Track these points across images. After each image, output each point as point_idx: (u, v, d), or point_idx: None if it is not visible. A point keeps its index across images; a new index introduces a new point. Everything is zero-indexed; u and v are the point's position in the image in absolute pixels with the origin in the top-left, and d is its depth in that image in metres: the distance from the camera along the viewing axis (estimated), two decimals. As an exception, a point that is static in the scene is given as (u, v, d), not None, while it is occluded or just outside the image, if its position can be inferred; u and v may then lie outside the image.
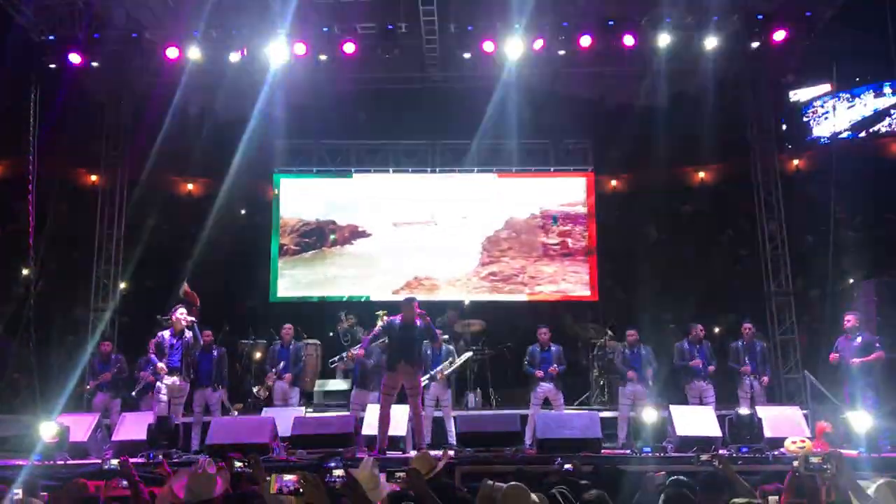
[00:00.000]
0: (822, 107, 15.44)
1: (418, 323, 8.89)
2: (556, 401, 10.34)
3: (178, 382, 9.40)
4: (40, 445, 8.63)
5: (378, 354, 10.29)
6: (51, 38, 11.88)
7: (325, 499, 3.86)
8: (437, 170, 14.62)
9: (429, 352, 10.10)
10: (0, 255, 14.22)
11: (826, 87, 15.26)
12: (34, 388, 11.49)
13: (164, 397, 9.32)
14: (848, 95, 15.29)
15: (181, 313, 9.52)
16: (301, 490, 3.85)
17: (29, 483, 5.59)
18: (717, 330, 12.19)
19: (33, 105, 11.91)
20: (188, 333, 9.53)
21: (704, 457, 6.51)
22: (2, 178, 15.71)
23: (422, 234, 14.46)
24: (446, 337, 11.33)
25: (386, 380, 8.94)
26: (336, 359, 11.49)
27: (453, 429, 9.86)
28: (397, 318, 8.95)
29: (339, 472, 3.66)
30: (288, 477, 3.96)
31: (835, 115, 15.10)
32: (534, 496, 3.84)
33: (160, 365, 9.28)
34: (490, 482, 3.95)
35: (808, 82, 15.24)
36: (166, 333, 9.51)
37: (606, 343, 12.30)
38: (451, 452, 8.79)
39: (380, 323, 9.62)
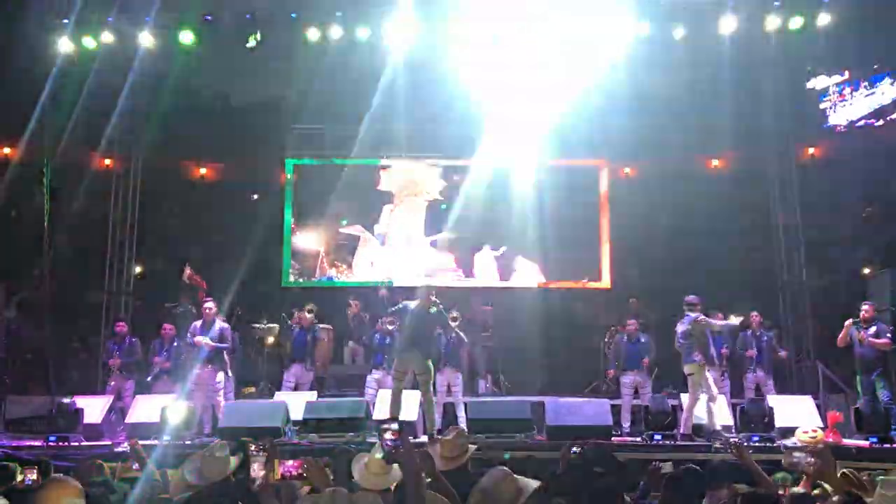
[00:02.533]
0: (840, 94, 15.26)
1: (433, 311, 8.88)
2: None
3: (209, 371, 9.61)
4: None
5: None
6: (64, 21, 11.89)
7: (329, 482, 3.89)
8: (450, 155, 14.56)
9: (443, 339, 10.13)
10: (15, 238, 14.29)
11: (844, 75, 15.08)
12: (48, 370, 11.59)
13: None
14: (866, 83, 15.10)
15: (210, 305, 9.71)
16: (305, 474, 3.88)
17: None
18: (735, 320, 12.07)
19: (47, 89, 11.95)
20: (218, 325, 9.69)
21: (718, 444, 6.53)
22: (17, 161, 15.76)
23: (434, 221, 14.45)
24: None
25: (396, 364, 8.96)
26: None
27: (464, 414, 9.88)
28: (412, 304, 8.94)
29: (389, 437, 3.66)
30: (291, 462, 3.99)
31: (852, 102, 14.93)
32: (520, 480, 3.83)
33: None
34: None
35: (825, 69, 15.07)
36: (198, 323, 9.66)
37: (616, 331, 12.27)
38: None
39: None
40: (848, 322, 9.67)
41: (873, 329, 9.61)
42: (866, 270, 13.55)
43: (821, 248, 13.87)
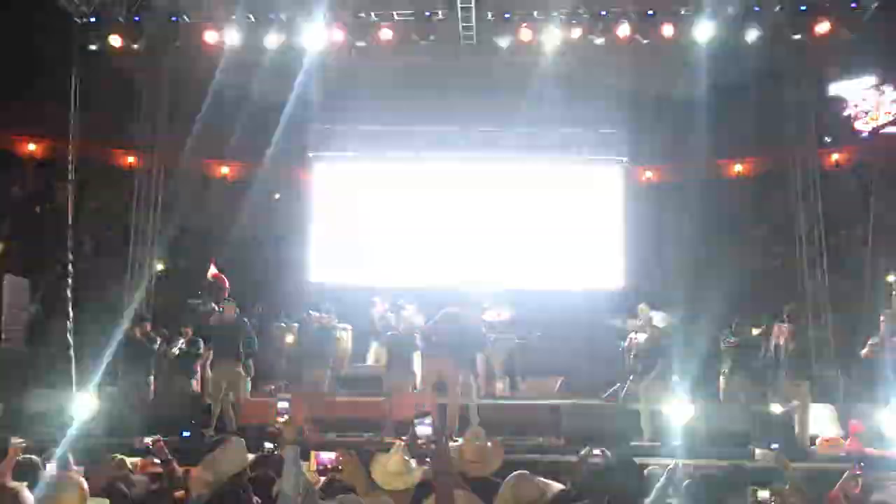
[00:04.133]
0: (865, 100, 15.09)
1: (473, 322, 8.96)
2: None
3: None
4: (76, 420, 8.81)
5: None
6: (91, 19, 12.00)
7: (362, 475, 3.88)
8: (471, 156, 14.57)
9: None
10: (38, 234, 14.45)
11: (869, 81, 14.93)
12: (70, 365, 11.70)
13: None
14: (891, 89, 14.92)
15: (229, 302, 9.79)
16: (340, 467, 3.88)
17: (62, 458, 5.71)
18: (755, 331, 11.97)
19: (73, 87, 12.06)
20: (238, 323, 9.77)
21: (759, 452, 6.50)
22: (42, 158, 15.97)
23: (454, 221, 14.45)
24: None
25: (428, 366, 9.00)
26: None
27: (476, 418, 9.83)
28: (457, 310, 8.97)
29: (424, 431, 3.58)
30: (327, 455, 4.01)
31: (878, 108, 14.77)
32: (542, 482, 3.80)
33: None
34: None
35: (851, 75, 14.93)
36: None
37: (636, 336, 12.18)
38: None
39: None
40: (871, 342, 9.61)
41: (895, 339, 9.46)
42: (890, 278, 13.40)
43: (843, 254, 13.75)
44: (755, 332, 10.33)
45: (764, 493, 4.12)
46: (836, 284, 13.03)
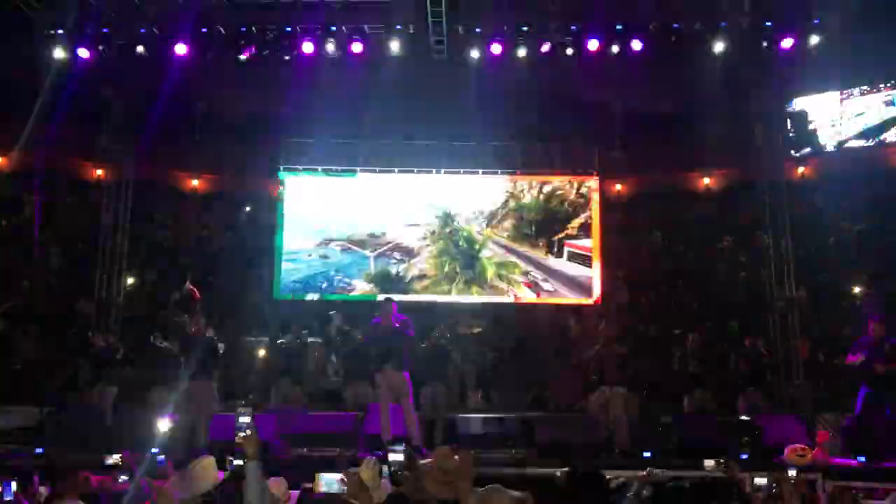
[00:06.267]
0: (829, 115, 15.39)
1: (397, 325, 8.85)
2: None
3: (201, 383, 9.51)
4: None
5: None
6: (59, 31, 11.88)
7: (367, 496, 3.86)
8: (443, 171, 14.62)
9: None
10: (5, 246, 14.23)
11: (834, 95, 15.23)
12: (37, 380, 11.51)
13: None
14: (855, 104, 15.22)
15: (198, 320, 9.66)
16: (345, 487, 3.86)
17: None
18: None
19: (41, 99, 11.93)
20: (206, 337, 9.63)
21: (710, 463, 6.52)
22: (9, 170, 15.75)
23: (424, 235, 14.49)
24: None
25: (378, 379, 8.96)
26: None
27: (441, 430, 9.80)
28: (377, 320, 8.96)
29: (397, 458, 3.56)
30: (330, 476, 4.00)
31: (842, 122, 15.06)
32: (515, 494, 3.81)
33: None
34: None
35: (816, 89, 15.21)
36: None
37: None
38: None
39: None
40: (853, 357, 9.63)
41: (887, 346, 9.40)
42: (856, 289, 13.62)
43: (810, 265, 13.94)
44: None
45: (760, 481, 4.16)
46: (804, 295, 13.22)
